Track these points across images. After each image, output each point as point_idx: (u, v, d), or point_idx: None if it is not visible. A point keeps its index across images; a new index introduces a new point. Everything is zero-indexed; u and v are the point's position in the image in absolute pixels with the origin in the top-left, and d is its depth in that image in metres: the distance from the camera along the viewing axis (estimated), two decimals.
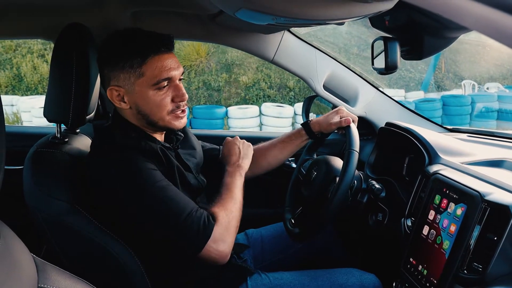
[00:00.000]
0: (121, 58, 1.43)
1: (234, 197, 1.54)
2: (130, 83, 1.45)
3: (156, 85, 1.44)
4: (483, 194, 1.21)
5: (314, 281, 1.64)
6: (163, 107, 1.47)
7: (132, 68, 1.43)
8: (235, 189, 1.57)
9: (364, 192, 1.70)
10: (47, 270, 0.73)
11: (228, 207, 1.49)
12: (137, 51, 1.43)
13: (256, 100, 12.11)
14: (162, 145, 1.55)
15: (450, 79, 13.97)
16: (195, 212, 1.38)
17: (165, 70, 1.44)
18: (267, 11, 1.13)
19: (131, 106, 1.48)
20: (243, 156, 1.71)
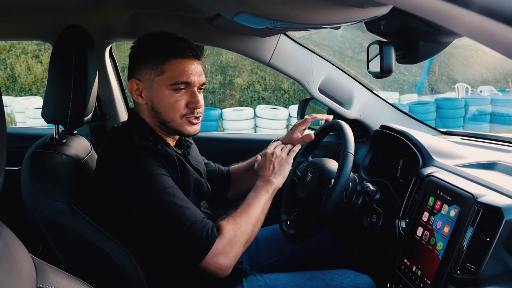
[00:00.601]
0: (147, 54, 1.49)
1: (250, 212, 1.49)
2: (150, 79, 1.49)
3: (174, 85, 1.48)
4: (476, 196, 1.22)
5: (309, 282, 1.65)
6: (176, 109, 1.50)
7: (154, 65, 1.48)
8: (254, 204, 1.52)
9: (359, 194, 1.71)
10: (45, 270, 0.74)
11: (238, 221, 1.45)
12: (163, 49, 1.48)
13: (251, 102, 12.12)
14: (175, 150, 1.57)
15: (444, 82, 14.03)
16: (200, 222, 1.37)
17: (185, 73, 1.48)
18: (265, 16, 1.14)
19: (147, 102, 1.52)
20: (276, 172, 1.64)
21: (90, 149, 1.73)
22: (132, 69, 1.54)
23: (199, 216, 1.39)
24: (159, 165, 1.42)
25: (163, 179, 1.40)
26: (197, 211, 1.41)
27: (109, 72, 2.21)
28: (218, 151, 2.47)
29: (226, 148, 2.51)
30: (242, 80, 12.40)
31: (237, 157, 2.45)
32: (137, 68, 1.52)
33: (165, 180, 1.40)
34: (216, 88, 12.29)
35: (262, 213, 1.52)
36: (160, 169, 1.41)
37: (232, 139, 2.64)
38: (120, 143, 1.49)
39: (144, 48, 1.52)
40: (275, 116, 10.20)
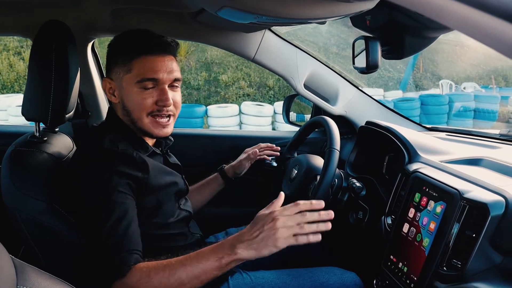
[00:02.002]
0: (117, 53, 1.49)
1: (175, 273, 1.25)
2: (119, 78, 1.49)
3: (140, 83, 1.45)
4: (462, 192, 1.22)
5: (295, 280, 1.64)
6: (143, 107, 1.47)
7: (122, 63, 1.47)
8: (190, 266, 1.26)
9: (344, 190, 1.71)
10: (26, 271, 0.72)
11: (153, 275, 1.26)
12: (130, 47, 1.47)
13: (236, 99, 12.11)
14: (154, 150, 1.56)
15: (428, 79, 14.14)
16: (122, 254, 1.29)
17: (152, 70, 1.45)
18: (249, 10, 1.13)
19: (119, 100, 1.52)
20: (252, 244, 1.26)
21: (72, 146, 1.71)
22: (107, 68, 1.54)
23: (127, 247, 1.30)
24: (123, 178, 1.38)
25: (118, 197, 1.35)
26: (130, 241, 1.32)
27: (91, 68, 2.18)
28: (203, 148, 2.46)
29: (211, 145, 2.50)
30: (227, 76, 12.38)
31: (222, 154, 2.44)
32: (109, 67, 1.52)
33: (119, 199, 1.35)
34: (201, 85, 12.25)
35: (193, 279, 1.26)
36: (119, 185, 1.36)
37: (217, 136, 2.62)
38: (90, 147, 1.48)
39: (115, 47, 1.52)
40: (260, 112, 10.19)
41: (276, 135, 2.63)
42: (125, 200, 1.38)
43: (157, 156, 1.60)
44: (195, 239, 1.68)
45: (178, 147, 1.82)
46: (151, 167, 1.46)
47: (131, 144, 1.49)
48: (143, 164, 1.44)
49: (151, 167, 1.46)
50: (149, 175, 1.45)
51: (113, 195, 1.35)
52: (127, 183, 1.39)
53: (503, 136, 1.90)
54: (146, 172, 1.44)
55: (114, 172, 1.37)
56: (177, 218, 1.59)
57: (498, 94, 12.70)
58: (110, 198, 1.35)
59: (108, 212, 1.34)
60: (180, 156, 1.80)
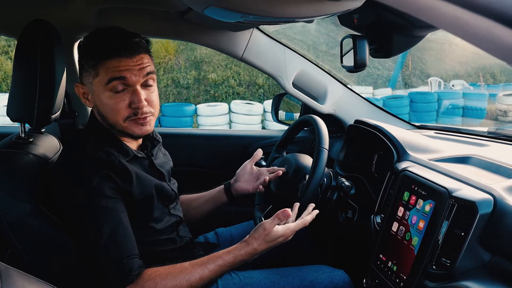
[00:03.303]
0: (84, 56, 1.45)
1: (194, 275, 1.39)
2: (89, 82, 1.45)
3: (109, 84, 1.40)
4: (451, 191, 1.22)
5: (284, 279, 1.63)
6: (117, 111, 1.43)
7: (90, 67, 1.42)
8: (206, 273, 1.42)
9: (333, 189, 1.71)
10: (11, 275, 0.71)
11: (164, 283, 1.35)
12: (95, 51, 1.41)
13: (226, 98, 12.09)
14: (135, 154, 1.53)
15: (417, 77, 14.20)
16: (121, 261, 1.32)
17: (118, 70, 1.39)
18: (235, 9, 1.12)
19: (94, 105, 1.49)
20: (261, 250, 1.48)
21: (59, 147, 1.69)
22: (79, 73, 1.50)
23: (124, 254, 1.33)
24: (107, 183, 1.37)
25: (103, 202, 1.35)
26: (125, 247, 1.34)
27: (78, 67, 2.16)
28: (193, 147, 2.45)
29: (201, 144, 2.49)
30: (217, 75, 12.36)
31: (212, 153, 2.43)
32: (79, 71, 1.49)
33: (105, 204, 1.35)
34: (190, 83, 12.22)
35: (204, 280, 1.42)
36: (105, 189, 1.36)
37: (207, 135, 2.61)
38: (72, 152, 1.46)
39: (81, 51, 1.47)
40: (250, 111, 10.20)
41: (266, 134, 2.63)
42: (115, 205, 1.37)
43: (140, 159, 1.56)
44: (184, 242, 1.67)
45: (167, 147, 1.81)
46: (134, 175, 1.44)
47: (113, 148, 1.47)
48: (126, 172, 1.42)
49: (134, 174, 1.44)
50: (132, 184, 1.43)
51: (102, 201, 1.34)
52: (112, 188, 1.38)
53: (491, 134, 1.90)
54: (128, 180, 1.42)
55: (99, 177, 1.36)
56: (166, 224, 1.58)
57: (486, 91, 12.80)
58: (100, 204, 1.34)
59: (101, 219, 1.33)
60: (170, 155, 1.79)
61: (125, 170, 1.42)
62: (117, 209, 1.36)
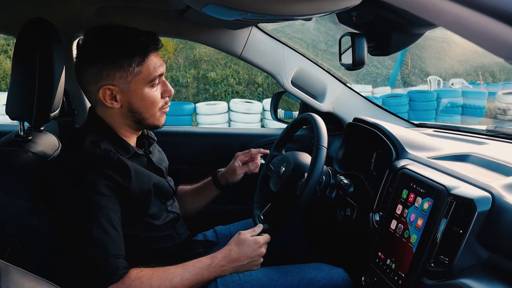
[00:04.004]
0: (120, 56, 1.41)
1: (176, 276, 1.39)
2: (126, 82, 1.42)
3: (152, 82, 1.46)
4: (449, 188, 1.22)
5: (283, 277, 1.64)
6: (156, 103, 1.49)
7: (130, 67, 1.41)
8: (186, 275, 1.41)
9: (332, 187, 1.71)
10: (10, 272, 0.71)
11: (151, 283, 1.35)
12: (138, 49, 1.42)
13: (225, 96, 12.09)
14: (136, 151, 1.54)
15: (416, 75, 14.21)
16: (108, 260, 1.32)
17: (157, 66, 1.46)
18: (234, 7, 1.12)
19: (122, 104, 1.46)
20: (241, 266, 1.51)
21: (57, 145, 1.69)
22: (98, 75, 1.43)
23: (112, 253, 1.33)
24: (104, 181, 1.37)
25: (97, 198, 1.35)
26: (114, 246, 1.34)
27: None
28: (192, 146, 2.45)
29: (200, 143, 2.49)
30: (216, 74, 12.35)
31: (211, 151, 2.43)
32: (107, 73, 1.41)
33: (99, 201, 1.35)
34: (189, 82, 12.22)
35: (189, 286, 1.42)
36: (101, 187, 1.35)
37: (206, 133, 2.61)
38: (71, 148, 1.46)
39: (112, 51, 1.42)
40: (249, 110, 10.20)
41: (265, 132, 2.63)
42: (108, 203, 1.36)
43: (139, 157, 1.57)
44: (183, 239, 1.67)
45: (166, 145, 1.81)
46: (133, 171, 1.44)
47: (113, 145, 1.47)
48: (125, 168, 1.42)
49: (133, 171, 1.44)
50: (131, 180, 1.42)
51: (96, 197, 1.34)
52: (108, 185, 1.38)
53: (490, 132, 1.90)
54: (128, 177, 1.42)
55: (95, 174, 1.35)
56: (164, 220, 1.58)
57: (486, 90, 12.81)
58: (93, 201, 1.34)
59: (92, 217, 1.33)
60: (169, 154, 1.79)
61: (124, 166, 1.42)
62: (109, 208, 1.36)
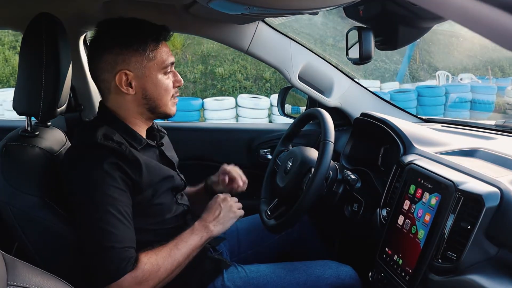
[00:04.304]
0: (136, 41, 1.45)
1: (174, 256, 1.41)
2: (141, 67, 1.45)
3: (165, 68, 1.49)
4: (457, 184, 1.22)
5: (290, 274, 1.63)
6: (169, 91, 1.52)
7: (145, 52, 1.45)
8: (183, 248, 1.44)
9: (339, 182, 1.70)
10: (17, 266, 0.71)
11: (159, 262, 1.38)
12: (152, 34, 1.47)
13: (232, 92, 12.09)
14: (148, 142, 1.55)
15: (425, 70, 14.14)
16: (120, 249, 1.31)
17: (170, 55, 1.51)
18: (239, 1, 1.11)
19: (137, 91, 1.48)
20: (219, 220, 1.56)
21: (65, 140, 1.69)
22: (113, 60, 1.44)
23: (124, 243, 1.33)
24: (116, 172, 1.37)
25: (110, 191, 1.34)
26: (126, 237, 1.34)
27: (83, 61, 2.16)
28: (200, 141, 2.45)
29: (207, 138, 2.49)
30: (224, 69, 12.35)
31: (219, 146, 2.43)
32: (123, 58, 1.44)
33: (111, 194, 1.34)
34: (197, 78, 12.22)
35: (186, 259, 1.45)
36: (112, 179, 1.35)
37: (213, 128, 2.61)
38: (83, 141, 1.46)
39: (128, 36, 1.45)
40: (256, 105, 10.18)
41: (272, 127, 2.63)
42: (120, 196, 1.36)
43: (152, 148, 1.58)
44: None
45: (175, 140, 1.81)
46: (144, 165, 1.43)
47: (124, 137, 1.47)
48: (136, 162, 1.41)
49: (144, 165, 1.43)
50: (142, 174, 1.42)
51: (108, 189, 1.34)
52: (121, 178, 1.37)
53: (498, 127, 1.89)
54: (139, 170, 1.41)
55: (108, 166, 1.35)
56: (174, 213, 1.58)
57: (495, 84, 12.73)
58: (105, 193, 1.33)
59: (105, 207, 1.32)
60: (176, 149, 1.79)
61: (135, 159, 1.42)
62: (121, 200, 1.36)
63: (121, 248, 1.31)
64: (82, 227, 1.36)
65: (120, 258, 1.30)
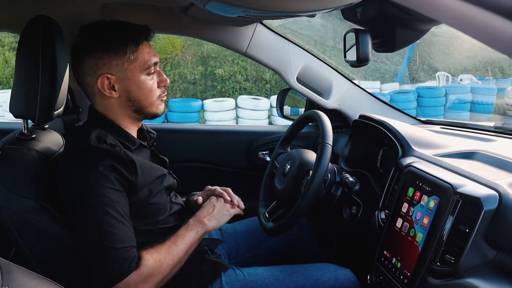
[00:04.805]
0: (115, 44, 1.45)
1: (173, 252, 1.43)
2: (122, 70, 1.46)
3: (147, 69, 1.49)
4: (455, 186, 1.21)
5: (289, 277, 1.63)
6: (154, 91, 1.52)
7: (125, 54, 1.45)
8: (180, 243, 1.46)
9: (338, 185, 1.69)
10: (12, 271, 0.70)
11: (161, 258, 1.39)
12: (131, 36, 1.46)
13: (232, 93, 12.09)
14: (141, 142, 1.55)
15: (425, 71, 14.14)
16: (122, 249, 1.32)
17: (152, 55, 1.51)
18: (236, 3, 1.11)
19: (120, 94, 1.48)
20: (213, 216, 1.58)
21: (62, 143, 1.68)
22: (95, 65, 1.45)
23: (126, 243, 1.33)
24: (111, 174, 1.36)
25: (107, 193, 1.34)
26: (126, 237, 1.35)
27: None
28: (198, 143, 2.45)
29: (207, 140, 2.48)
30: (224, 70, 12.35)
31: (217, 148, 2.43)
32: (103, 62, 1.44)
33: (109, 195, 1.34)
34: (197, 79, 12.22)
35: (185, 254, 1.47)
36: (109, 181, 1.35)
37: (213, 131, 2.61)
38: (76, 145, 1.45)
39: (107, 39, 1.45)
40: (256, 106, 10.18)
41: (270, 129, 2.62)
42: (117, 197, 1.36)
43: (144, 149, 1.58)
44: None
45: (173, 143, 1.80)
46: (139, 165, 1.43)
47: (117, 139, 1.47)
48: (131, 163, 1.41)
49: (138, 165, 1.43)
50: (137, 174, 1.42)
51: (106, 191, 1.34)
52: (116, 179, 1.37)
53: (498, 129, 1.88)
54: (134, 171, 1.41)
55: (104, 168, 1.35)
56: (169, 212, 1.58)
57: (495, 85, 12.72)
58: (103, 195, 1.33)
59: (104, 208, 1.32)
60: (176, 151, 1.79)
61: (130, 160, 1.42)
62: (119, 200, 1.36)
63: (123, 248, 1.32)
64: (81, 230, 1.35)
65: (123, 258, 1.31)
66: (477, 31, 0.51)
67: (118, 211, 1.35)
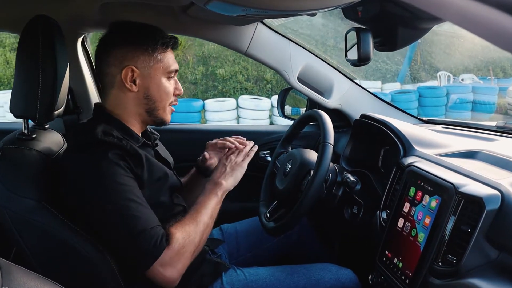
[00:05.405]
0: (146, 40, 1.48)
1: (198, 219, 1.44)
2: (148, 67, 1.48)
3: (169, 73, 1.53)
4: (457, 186, 1.20)
5: (290, 277, 1.63)
6: (169, 96, 1.55)
7: (154, 52, 1.49)
8: (202, 210, 1.47)
9: (339, 185, 1.69)
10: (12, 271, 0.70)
11: (187, 229, 1.40)
12: (163, 37, 1.50)
13: (233, 93, 12.09)
14: (145, 141, 1.55)
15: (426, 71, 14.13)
16: (150, 230, 1.32)
17: (174, 62, 1.55)
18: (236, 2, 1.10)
19: (139, 89, 1.49)
20: (227, 174, 1.58)
21: (62, 143, 1.68)
22: (122, 55, 1.47)
23: (152, 223, 1.35)
24: (121, 162, 1.37)
25: (122, 180, 1.35)
26: (151, 217, 1.36)
27: (82, 63, 2.15)
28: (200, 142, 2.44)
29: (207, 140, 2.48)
30: (225, 70, 12.36)
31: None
32: (132, 54, 1.47)
33: (124, 182, 1.35)
34: (198, 79, 12.23)
35: (211, 218, 1.48)
36: (120, 168, 1.36)
37: (213, 130, 2.60)
38: (82, 139, 1.44)
39: (141, 34, 1.49)
40: (257, 106, 10.19)
41: (271, 129, 2.62)
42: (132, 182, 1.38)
43: (148, 148, 1.58)
44: None
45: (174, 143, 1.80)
46: (145, 159, 1.44)
47: (122, 135, 1.46)
48: (137, 156, 1.42)
49: (144, 159, 1.44)
50: (144, 168, 1.43)
51: (120, 178, 1.34)
52: (126, 166, 1.38)
53: (499, 128, 1.88)
54: (140, 164, 1.42)
55: (113, 155, 1.35)
56: (172, 212, 1.57)
57: (496, 85, 12.72)
58: (119, 182, 1.34)
59: (123, 195, 1.33)
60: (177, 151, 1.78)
61: (136, 153, 1.42)
62: (134, 186, 1.37)
63: (151, 228, 1.33)
64: (105, 221, 1.35)
65: (153, 238, 1.32)
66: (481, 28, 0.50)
67: (136, 195, 1.36)
